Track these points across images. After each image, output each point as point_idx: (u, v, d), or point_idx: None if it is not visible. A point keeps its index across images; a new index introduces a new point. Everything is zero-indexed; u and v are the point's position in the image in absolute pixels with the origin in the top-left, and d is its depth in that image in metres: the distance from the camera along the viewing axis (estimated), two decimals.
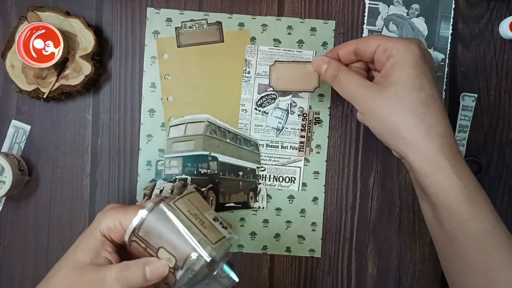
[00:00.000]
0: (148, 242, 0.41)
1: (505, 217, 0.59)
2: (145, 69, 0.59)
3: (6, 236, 0.58)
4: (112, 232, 0.43)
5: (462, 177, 0.44)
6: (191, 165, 0.58)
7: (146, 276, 0.40)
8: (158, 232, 0.41)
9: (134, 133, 0.59)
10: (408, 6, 0.59)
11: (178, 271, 0.40)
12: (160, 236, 0.41)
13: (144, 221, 0.41)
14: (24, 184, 0.58)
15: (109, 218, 0.43)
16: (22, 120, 0.58)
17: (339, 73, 0.49)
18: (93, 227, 0.44)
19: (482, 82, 0.60)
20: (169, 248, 0.40)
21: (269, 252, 0.59)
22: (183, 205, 0.43)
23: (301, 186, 0.59)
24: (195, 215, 0.42)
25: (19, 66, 0.55)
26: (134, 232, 0.41)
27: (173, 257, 0.40)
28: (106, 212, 0.44)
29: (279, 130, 0.59)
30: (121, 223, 0.42)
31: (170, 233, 0.41)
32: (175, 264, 0.40)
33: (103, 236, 0.43)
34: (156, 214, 0.41)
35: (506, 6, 0.60)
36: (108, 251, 0.43)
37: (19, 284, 0.58)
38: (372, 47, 0.47)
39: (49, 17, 0.55)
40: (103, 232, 0.43)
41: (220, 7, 0.59)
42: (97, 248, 0.42)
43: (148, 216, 0.41)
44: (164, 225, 0.41)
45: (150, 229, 0.41)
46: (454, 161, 0.44)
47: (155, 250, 0.41)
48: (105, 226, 0.43)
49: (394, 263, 0.59)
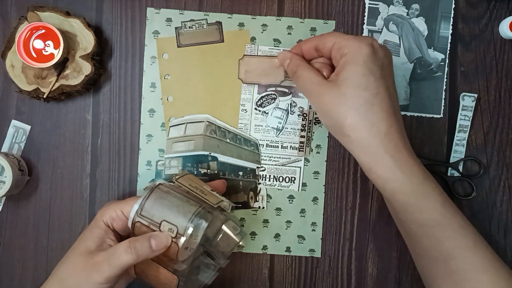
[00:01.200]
0: (150, 219, 0.45)
1: (505, 217, 0.59)
2: (145, 69, 0.59)
3: (6, 236, 0.58)
4: (114, 221, 0.48)
5: (406, 170, 0.46)
6: (191, 165, 0.58)
7: (152, 247, 0.44)
8: (159, 208, 0.45)
9: (134, 133, 0.59)
10: (408, 6, 0.59)
11: (181, 238, 0.45)
12: (161, 211, 0.45)
13: (146, 201, 0.45)
14: (24, 184, 0.58)
15: (111, 208, 0.48)
16: (22, 120, 0.58)
17: (298, 69, 0.51)
18: (96, 219, 0.48)
19: (482, 82, 0.60)
20: (171, 219, 0.45)
21: (269, 252, 0.59)
22: (184, 181, 0.48)
23: (301, 186, 0.59)
24: (195, 187, 0.48)
25: (19, 66, 0.55)
26: (137, 213, 0.45)
27: (174, 226, 0.45)
28: (107, 206, 0.49)
29: (279, 130, 0.59)
30: (122, 211, 0.47)
31: (171, 206, 0.45)
32: (177, 232, 0.45)
33: (106, 226, 0.48)
34: (156, 193, 0.46)
35: (506, 6, 0.60)
36: (111, 239, 0.48)
37: (19, 284, 0.58)
38: (329, 45, 0.49)
39: (49, 17, 0.55)
40: (106, 222, 0.48)
41: (220, 7, 0.59)
42: (102, 236, 0.47)
43: (149, 197, 0.46)
44: (164, 200, 0.46)
45: (151, 207, 0.45)
46: (398, 155, 0.46)
47: (157, 225, 0.45)
48: (108, 216, 0.48)
49: (394, 263, 0.59)
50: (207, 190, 0.49)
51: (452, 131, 0.59)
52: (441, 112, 0.60)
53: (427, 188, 0.46)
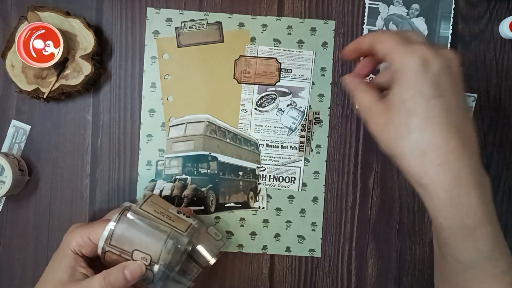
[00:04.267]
0: (121, 249, 0.45)
1: (505, 217, 0.59)
2: (145, 69, 0.59)
3: (6, 236, 0.58)
4: (82, 248, 0.46)
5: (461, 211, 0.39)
6: (191, 165, 0.58)
7: (127, 278, 0.44)
8: (130, 237, 0.45)
9: (134, 133, 0.59)
10: (408, 6, 0.59)
11: (155, 266, 0.45)
12: (132, 240, 0.45)
13: (114, 231, 0.45)
14: (24, 184, 0.58)
15: (78, 235, 0.46)
16: (22, 120, 0.58)
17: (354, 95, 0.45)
18: (63, 247, 0.47)
19: (482, 82, 0.60)
20: (143, 248, 0.45)
21: (269, 252, 0.59)
22: (149, 207, 0.47)
23: (301, 186, 0.59)
24: (161, 213, 0.47)
25: (19, 66, 0.55)
26: (106, 243, 0.44)
27: (147, 255, 0.44)
28: (73, 231, 0.47)
29: (292, 130, 0.59)
30: (89, 237, 0.46)
31: (141, 235, 0.45)
32: (151, 261, 0.45)
33: (75, 254, 0.46)
34: (124, 222, 0.45)
35: (506, 6, 0.60)
36: (82, 266, 0.46)
37: (19, 284, 0.58)
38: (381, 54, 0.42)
39: (49, 17, 0.55)
40: (74, 249, 0.46)
41: (220, 7, 0.59)
42: (72, 265, 0.45)
43: (117, 226, 0.45)
44: (134, 230, 0.45)
45: (121, 237, 0.45)
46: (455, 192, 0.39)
47: (129, 254, 0.45)
48: (75, 244, 0.46)
49: (394, 263, 0.59)
50: (173, 214, 0.48)
51: None
52: None
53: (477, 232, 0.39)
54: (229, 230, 0.59)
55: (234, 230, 0.59)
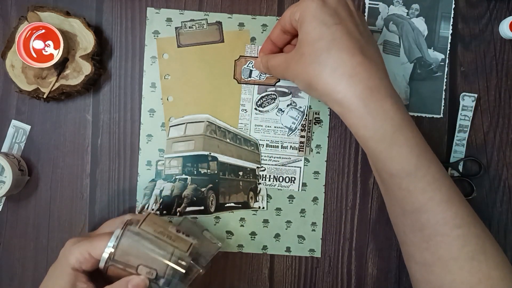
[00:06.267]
0: (126, 263, 0.45)
1: (505, 217, 0.59)
2: (145, 69, 0.59)
3: (6, 236, 0.58)
4: (82, 264, 0.45)
5: (378, 116, 0.42)
6: (191, 165, 0.58)
7: None
8: (135, 253, 0.45)
9: (134, 133, 0.59)
10: (408, 6, 0.59)
11: (160, 280, 0.45)
12: (137, 255, 0.45)
13: (118, 246, 0.45)
14: (24, 184, 0.58)
15: (77, 251, 0.45)
16: (22, 120, 0.58)
17: (268, 63, 0.52)
18: (62, 264, 0.46)
19: (482, 82, 0.60)
20: (148, 263, 0.45)
21: (269, 252, 0.59)
22: (148, 226, 0.47)
23: (301, 186, 0.59)
24: (161, 232, 0.47)
25: (19, 66, 0.55)
26: (110, 258, 0.45)
27: (153, 270, 0.45)
28: (71, 247, 0.46)
29: (292, 130, 0.59)
30: (90, 253, 0.45)
31: (145, 252, 0.45)
32: (157, 275, 0.45)
33: (75, 270, 0.45)
34: (129, 236, 0.45)
35: (506, 6, 0.60)
36: (83, 281, 0.45)
37: (19, 284, 0.58)
38: (287, 19, 0.48)
39: (49, 17, 0.55)
40: (74, 266, 0.45)
41: (220, 7, 0.59)
42: (73, 282, 0.45)
43: (121, 240, 0.45)
44: (138, 246, 0.45)
45: (126, 251, 0.45)
46: (369, 99, 0.42)
47: (134, 268, 0.45)
48: (74, 260, 0.45)
49: (394, 263, 0.59)
50: (173, 233, 0.48)
51: (452, 131, 0.59)
52: (441, 112, 0.60)
53: (400, 137, 0.43)
54: (229, 230, 0.59)
55: (234, 230, 0.59)
